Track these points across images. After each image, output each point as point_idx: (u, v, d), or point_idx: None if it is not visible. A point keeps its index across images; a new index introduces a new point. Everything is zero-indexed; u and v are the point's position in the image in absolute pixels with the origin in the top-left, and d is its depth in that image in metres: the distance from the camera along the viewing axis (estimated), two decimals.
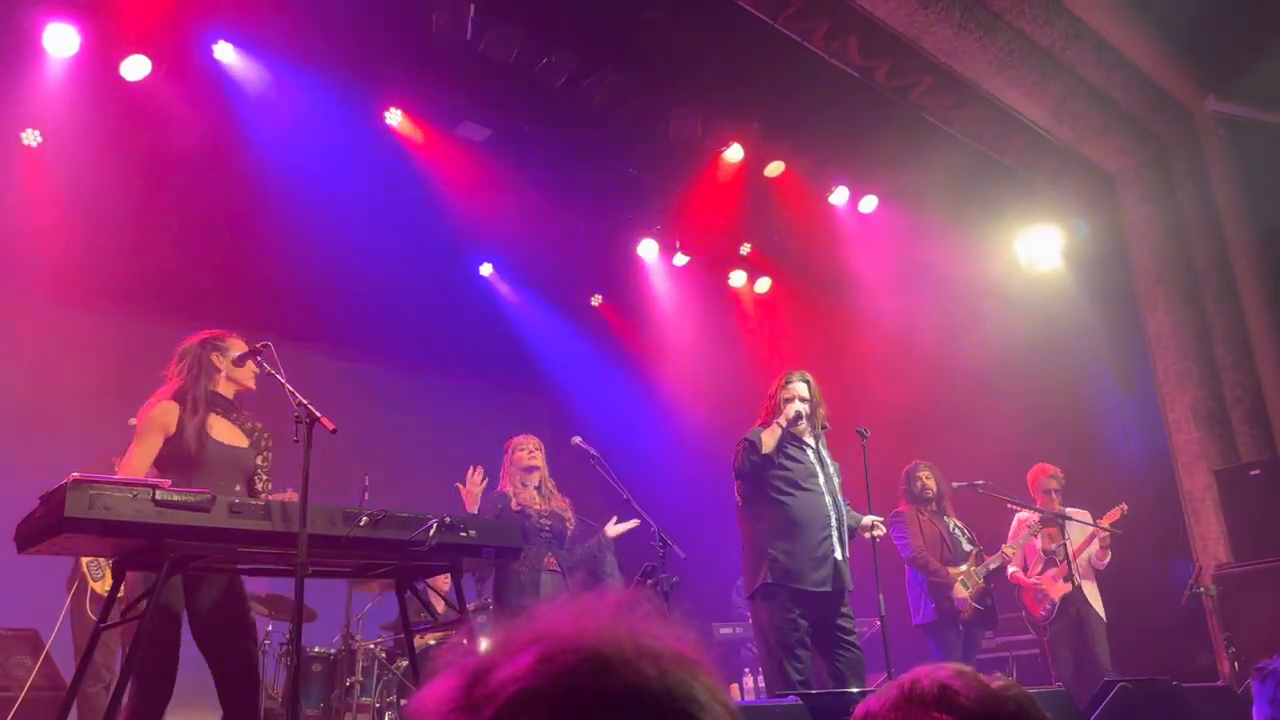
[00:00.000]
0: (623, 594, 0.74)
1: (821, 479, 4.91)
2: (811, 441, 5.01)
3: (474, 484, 5.08)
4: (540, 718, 0.62)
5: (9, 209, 6.83)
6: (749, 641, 7.37)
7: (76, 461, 5.34)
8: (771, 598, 4.70)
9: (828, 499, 4.89)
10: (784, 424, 4.82)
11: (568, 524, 5.32)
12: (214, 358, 3.81)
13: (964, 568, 6.35)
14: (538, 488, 5.36)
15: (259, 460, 3.88)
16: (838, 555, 4.81)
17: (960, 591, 6.24)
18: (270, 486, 3.92)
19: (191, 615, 3.62)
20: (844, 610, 4.79)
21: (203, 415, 3.68)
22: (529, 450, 5.43)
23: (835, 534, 4.84)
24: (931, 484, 6.56)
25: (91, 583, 5.42)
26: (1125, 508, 6.57)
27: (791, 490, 4.82)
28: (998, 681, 1.06)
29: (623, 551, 5.55)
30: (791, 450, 4.89)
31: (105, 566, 5.37)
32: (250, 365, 3.82)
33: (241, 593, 3.76)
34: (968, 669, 1.06)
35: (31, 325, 6.97)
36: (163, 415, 3.68)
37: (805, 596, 4.69)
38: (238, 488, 3.75)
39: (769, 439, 4.78)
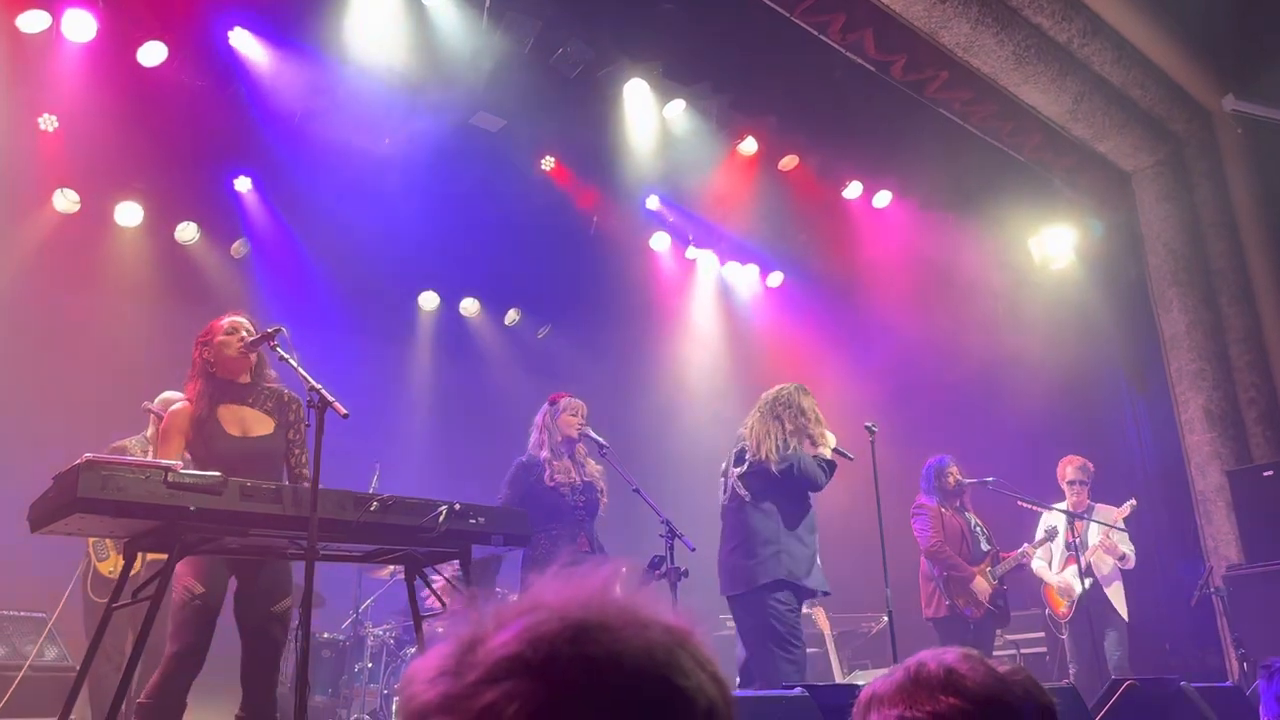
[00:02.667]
0: (613, 567, 0.76)
1: None
2: None
3: None
4: (522, 681, 0.64)
5: (25, 192, 6.88)
6: None
7: (87, 444, 5.39)
8: (779, 591, 4.80)
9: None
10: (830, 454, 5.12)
11: (601, 494, 5.14)
12: (203, 354, 3.83)
13: (983, 565, 6.32)
14: (572, 456, 5.15)
15: (290, 435, 3.89)
16: (818, 560, 5.07)
17: (982, 585, 6.20)
18: (306, 459, 3.84)
19: (243, 594, 3.70)
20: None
21: (212, 414, 3.72)
22: (579, 420, 5.13)
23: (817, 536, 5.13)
24: (960, 477, 6.48)
25: (96, 562, 5.38)
26: (1134, 503, 6.55)
27: (808, 493, 5.11)
28: (1004, 666, 1.06)
29: (631, 542, 5.54)
30: None
31: (111, 548, 5.33)
32: (224, 338, 3.79)
33: (288, 576, 3.81)
34: (975, 653, 1.06)
35: (44, 308, 7.01)
36: (178, 420, 3.74)
37: (804, 592, 4.94)
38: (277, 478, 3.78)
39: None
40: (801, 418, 5.08)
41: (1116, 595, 6.51)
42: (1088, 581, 6.44)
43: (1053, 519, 6.70)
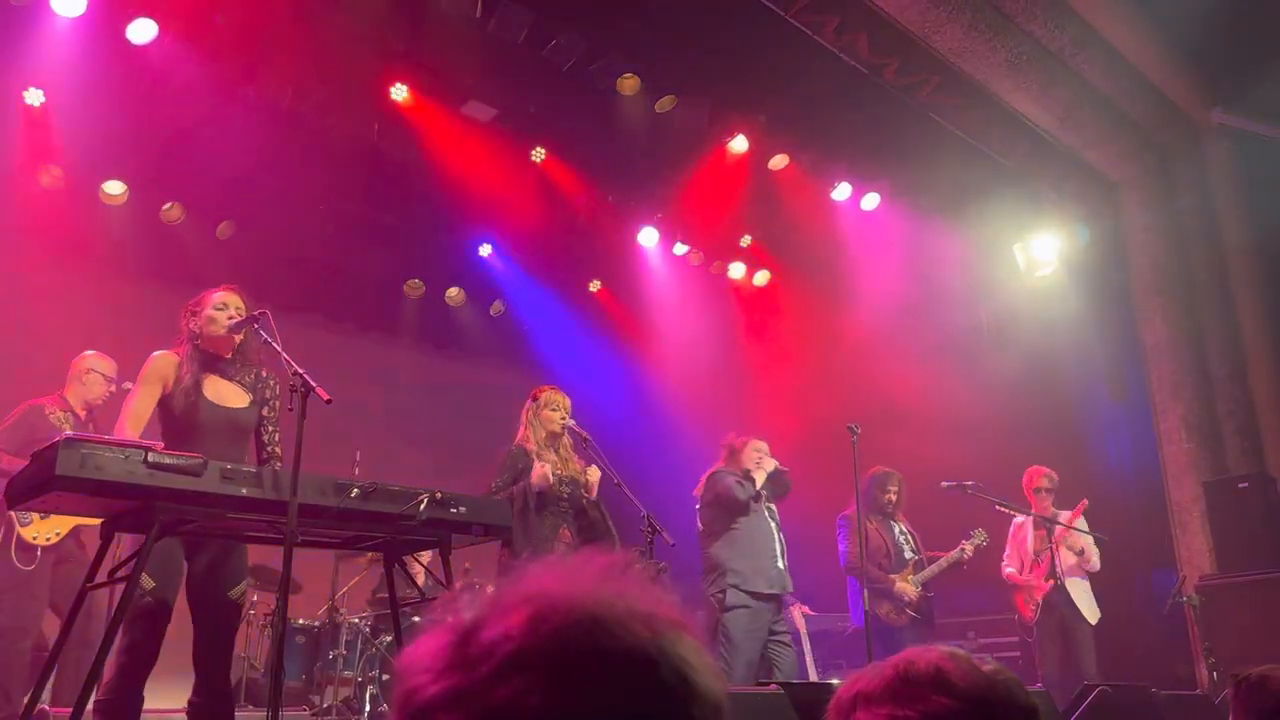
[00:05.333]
0: (612, 557, 0.75)
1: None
2: None
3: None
4: (536, 676, 0.63)
5: (9, 167, 6.81)
6: None
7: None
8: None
9: None
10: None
11: (584, 491, 5.08)
12: (190, 324, 3.78)
13: (904, 574, 6.32)
14: (557, 450, 5.10)
15: (264, 412, 3.85)
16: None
17: (906, 589, 6.21)
18: (279, 437, 3.85)
19: (198, 578, 3.62)
20: None
21: (195, 378, 3.67)
22: (561, 413, 5.10)
23: None
24: (895, 496, 6.48)
25: (19, 528, 5.12)
26: (1085, 503, 6.59)
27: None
28: (987, 665, 1.06)
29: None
30: None
31: (34, 514, 5.07)
32: (212, 312, 3.73)
33: (244, 561, 3.77)
34: (960, 651, 1.07)
35: (27, 285, 6.95)
36: (162, 364, 3.67)
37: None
38: (244, 452, 3.75)
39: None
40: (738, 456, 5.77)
41: (1081, 598, 6.52)
42: (1049, 583, 6.48)
43: (1016, 524, 6.79)
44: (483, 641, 0.66)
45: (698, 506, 5.77)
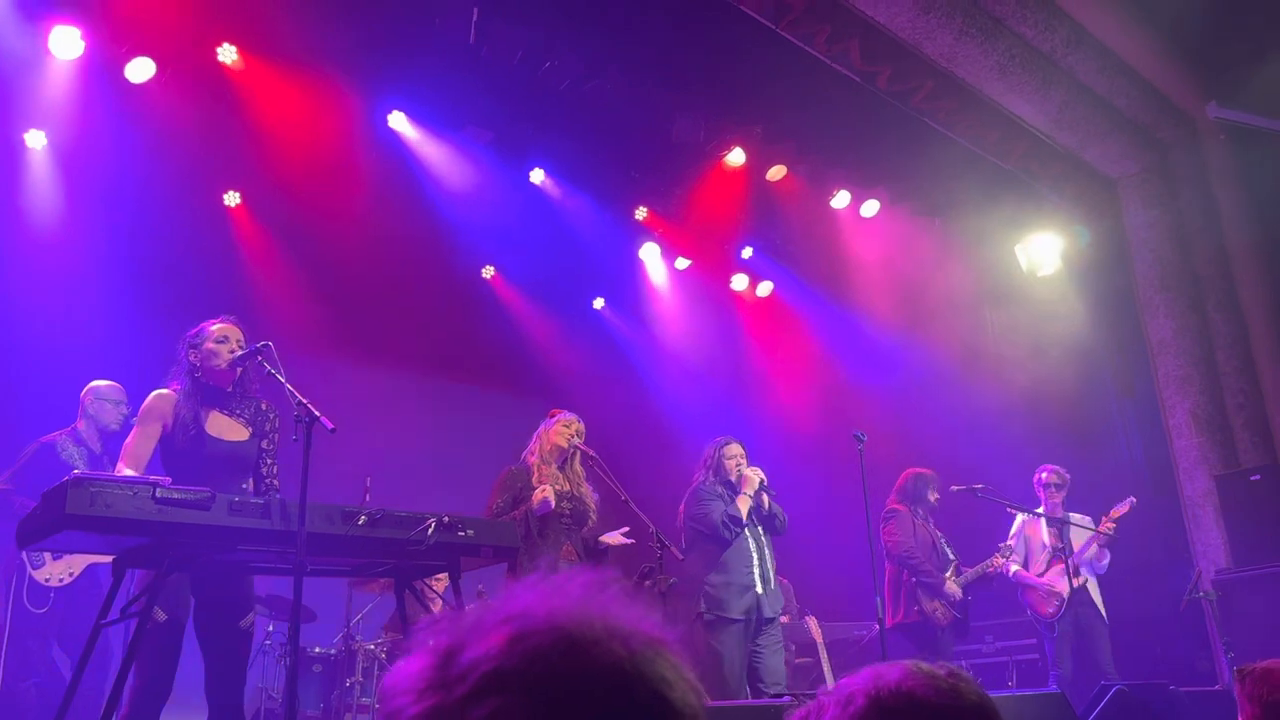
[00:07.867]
0: (593, 575, 0.76)
1: None
2: None
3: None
4: (512, 697, 0.64)
5: (10, 210, 6.87)
6: None
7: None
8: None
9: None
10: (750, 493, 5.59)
11: (590, 510, 5.11)
12: (190, 356, 3.81)
13: (948, 574, 6.35)
14: (561, 467, 5.11)
15: (264, 445, 3.88)
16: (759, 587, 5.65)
17: (954, 589, 6.25)
18: (276, 470, 3.89)
19: (207, 610, 3.65)
20: None
21: (195, 414, 3.70)
22: (571, 433, 5.12)
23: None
24: (936, 499, 6.56)
25: (31, 571, 5.12)
26: (1134, 501, 6.58)
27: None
28: (943, 670, 1.03)
29: (622, 552, 5.54)
30: None
31: (47, 555, 5.08)
32: (213, 346, 3.76)
33: (250, 590, 3.79)
34: (921, 666, 1.02)
35: (29, 324, 6.99)
36: (161, 403, 3.71)
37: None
38: (244, 485, 3.77)
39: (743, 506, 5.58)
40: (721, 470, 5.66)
41: (1097, 595, 6.56)
42: (1076, 582, 6.46)
43: (1021, 522, 6.80)
44: (463, 662, 0.67)
45: (680, 524, 5.69)
